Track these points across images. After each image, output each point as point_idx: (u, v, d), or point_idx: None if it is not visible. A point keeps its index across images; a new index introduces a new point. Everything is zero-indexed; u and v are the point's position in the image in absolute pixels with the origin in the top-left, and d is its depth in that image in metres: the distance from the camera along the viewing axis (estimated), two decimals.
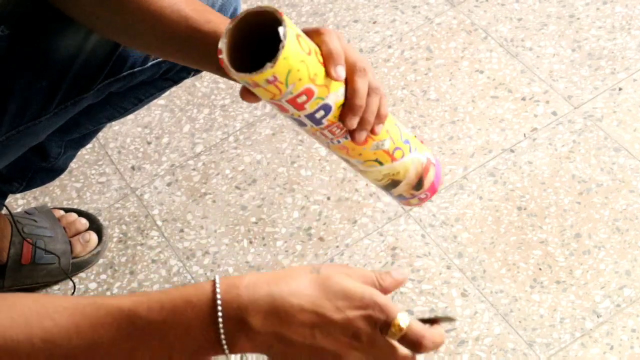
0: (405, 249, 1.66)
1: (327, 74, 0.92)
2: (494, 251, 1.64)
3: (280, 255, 1.67)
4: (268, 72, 0.86)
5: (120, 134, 1.89)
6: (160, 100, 1.93)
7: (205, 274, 1.65)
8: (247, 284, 0.76)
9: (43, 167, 1.53)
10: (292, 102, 0.92)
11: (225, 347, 0.76)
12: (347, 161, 1.07)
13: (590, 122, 1.81)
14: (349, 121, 0.94)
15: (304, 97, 0.90)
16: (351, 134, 0.98)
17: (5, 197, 1.58)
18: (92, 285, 1.66)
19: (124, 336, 0.76)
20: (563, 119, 1.82)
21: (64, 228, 1.64)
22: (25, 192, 1.77)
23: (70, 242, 1.64)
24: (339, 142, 1.00)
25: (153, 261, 1.68)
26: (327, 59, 0.92)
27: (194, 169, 1.81)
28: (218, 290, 0.76)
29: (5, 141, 1.23)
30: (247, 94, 0.95)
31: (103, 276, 1.67)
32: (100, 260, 1.69)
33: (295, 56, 0.88)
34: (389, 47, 2.00)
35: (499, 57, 1.95)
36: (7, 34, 1.16)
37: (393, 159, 1.03)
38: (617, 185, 1.71)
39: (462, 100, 1.88)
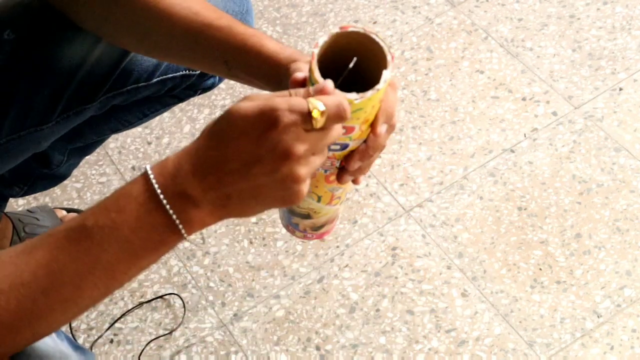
0: (406, 249, 1.66)
1: (373, 125, 0.89)
2: (494, 251, 1.64)
3: (281, 255, 1.67)
4: (354, 105, 0.83)
5: (121, 134, 1.89)
6: None
7: (206, 274, 1.65)
8: (173, 163, 0.78)
9: (45, 174, 1.53)
10: None
11: (180, 226, 0.78)
12: None
13: (590, 122, 1.81)
14: (353, 164, 0.92)
15: (342, 131, 0.86)
16: (341, 173, 0.95)
17: (6, 200, 1.58)
18: None
19: (81, 251, 0.77)
20: (563, 119, 1.82)
21: None
22: None
23: None
24: (317, 170, 0.99)
25: None
26: (382, 114, 0.89)
27: None
28: (151, 175, 0.78)
29: (6, 144, 1.22)
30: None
31: None
32: None
33: (374, 101, 0.85)
34: (390, 47, 2.00)
35: (500, 57, 1.95)
36: (12, 38, 1.16)
37: (329, 203, 1.01)
38: (618, 186, 1.71)
39: (462, 100, 1.88)
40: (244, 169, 0.77)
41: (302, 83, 0.87)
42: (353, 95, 0.82)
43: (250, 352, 1.55)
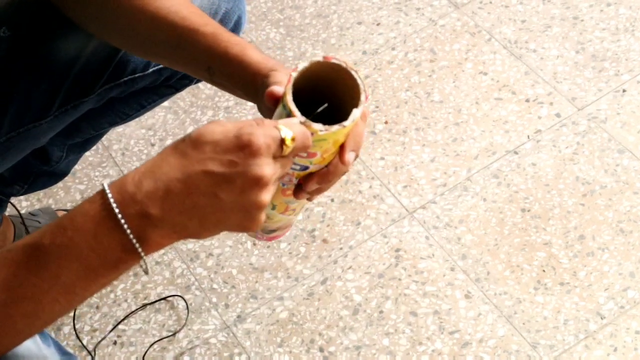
0: (409, 251, 1.66)
1: (341, 153, 0.90)
2: (497, 253, 1.64)
3: (284, 257, 1.67)
4: (318, 135, 0.84)
5: (124, 135, 1.89)
6: (164, 102, 1.93)
7: (209, 275, 1.65)
8: (133, 181, 0.76)
9: (45, 171, 1.53)
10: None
11: (137, 245, 0.76)
12: None
13: (594, 123, 1.81)
14: (311, 185, 0.91)
15: (304, 154, 0.87)
16: (298, 190, 0.95)
17: (8, 199, 1.58)
18: None
19: (40, 267, 0.77)
20: (567, 121, 1.82)
21: None
22: (29, 194, 1.77)
23: None
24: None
25: (157, 263, 1.68)
26: (350, 143, 0.89)
27: None
28: (109, 194, 0.76)
29: (6, 142, 1.23)
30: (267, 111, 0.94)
31: None
32: None
33: (339, 135, 0.86)
34: (393, 49, 2.00)
35: (503, 58, 1.95)
36: (8, 35, 1.17)
37: (283, 213, 1.00)
38: (621, 187, 1.71)
39: (465, 102, 1.88)
40: (210, 191, 0.76)
41: (276, 100, 0.87)
42: (319, 126, 0.83)
43: (254, 354, 1.55)
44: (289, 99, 0.83)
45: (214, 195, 0.76)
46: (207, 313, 1.61)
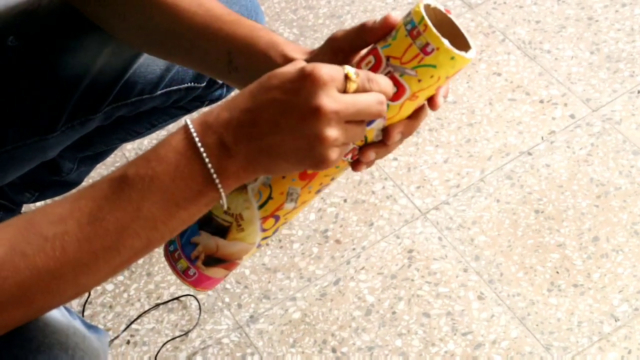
0: (422, 252, 1.65)
1: (433, 96, 0.88)
2: (511, 254, 1.63)
3: (297, 257, 1.67)
4: (463, 58, 0.83)
5: None
6: None
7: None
8: (212, 114, 0.81)
9: (55, 181, 1.53)
10: (400, 80, 0.85)
11: (215, 175, 0.79)
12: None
13: (608, 125, 1.80)
14: (394, 136, 0.89)
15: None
16: (357, 163, 0.91)
17: (20, 206, 1.58)
18: (109, 287, 1.66)
19: (123, 199, 0.79)
20: (581, 122, 1.81)
21: None
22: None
23: None
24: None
25: None
26: (445, 88, 0.89)
27: None
28: (190, 125, 0.81)
29: (12, 151, 1.22)
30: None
31: (120, 277, 1.67)
32: None
33: (450, 67, 0.85)
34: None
35: (517, 59, 1.94)
36: (16, 45, 1.16)
37: (265, 218, 0.94)
38: (636, 189, 1.70)
39: (479, 102, 1.88)
40: (274, 119, 0.78)
41: (390, 27, 0.88)
42: (447, 43, 0.81)
43: (267, 354, 1.55)
44: (429, 24, 0.82)
45: (277, 123, 0.78)
46: (219, 313, 1.61)
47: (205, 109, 1.42)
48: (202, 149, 0.79)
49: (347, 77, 0.80)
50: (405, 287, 1.61)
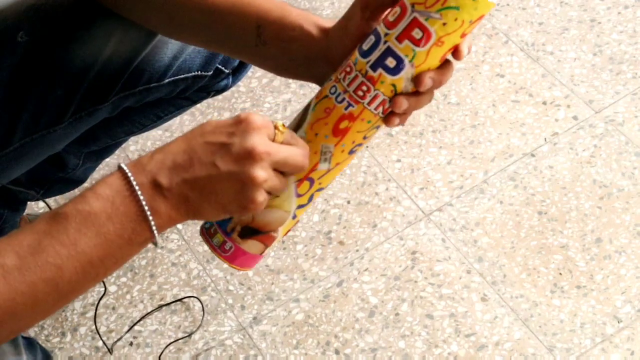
0: (426, 253, 1.65)
1: (458, 46, 0.86)
2: (514, 256, 1.63)
3: (300, 259, 1.67)
4: (493, 4, 0.83)
5: (141, 137, 1.90)
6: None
7: (225, 277, 1.66)
8: (146, 157, 0.85)
9: (61, 178, 1.53)
10: (424, 25, 0.84)
11: (150, 215, 0.82)
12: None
13: (611, 126, 1.80)
14: (426, 82, 0.87)
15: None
16: (389, 116, 0.89)
17: (25, 204, 1.58)
18: (112, 288, 1.66)
19: (61, 232, 0.82)
20: (584, 124, 1.81)
21: None
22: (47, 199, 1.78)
23: None
24: (368, 106, 0.89)
25: (173, 264, 1.69)
26: (465, 40, 0.87)
27: None
28: (125, 167, 0.83)
29: (20, 148, 1.23)
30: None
31: (123, 279, 1.68)
32: None
33: (474, 12, 0.83)
34: None
35: (520, 61, 1.95)
36: (25, 40, 1.17)
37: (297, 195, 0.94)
38: (639, 190, 1.70)
39: (482, 104, 1.88)
40: (209, 160, 0.82)
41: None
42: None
43: (270, 356, 1.55)
44: None
45: (213, 165, 0.82)
46: (223, 314, 1.61)
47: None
48: (136, 187, 0.82)
49: (276, 128, 0.85)
50: (408, 289, 1.61)
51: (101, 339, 1.60)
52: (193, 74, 1.30)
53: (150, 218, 0.82)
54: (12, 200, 1.56)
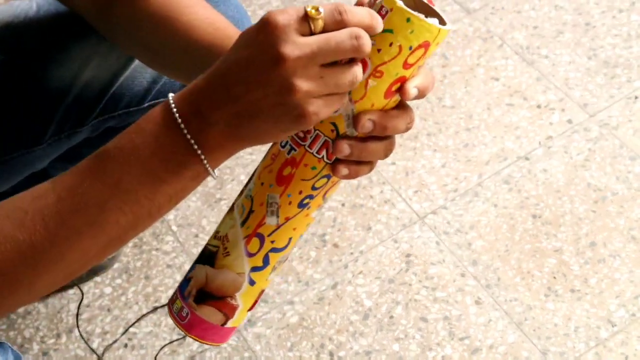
0: (420, 256, 1.66)
1: (403, 83, 0.77)
2: (508, 259, 1.64)
3: (295, 261, 1.67)
4: (421, 21, 0.74)
5: None
6: None
7: None
8: (192, 85, 0.77)
9: None
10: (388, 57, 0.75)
11: (195, 146, 0.76)
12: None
13: (605, 130, 1.81)
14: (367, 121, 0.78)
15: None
16: (336, 164, 0.81)
17: None
18: (107, 290, 1.66)
19: (103, 172, 0.77)
20: (578, 127, 1.82)
21: None
22: None
23: None
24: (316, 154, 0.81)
25: (168, 266, 1.69)
26: (414, 78, 0.79)
27: None
28: (170, 98, 0.77)
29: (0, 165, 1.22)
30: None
31: (118, 280, 1.68)
32: (116, 265, 1.69)
33: (423, 35, 0.75)
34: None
35: (515, 64, 1.95)
36: (2, 59, 1.16)
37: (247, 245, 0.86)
38: (633, 194, 1.70)
39: (477, 107, 1.88)
40: (243, 77, 0.74)
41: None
42: (421, 15, 0.74)
43: (264, 358, 1.56)
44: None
45: (247, 81, 0.73)
46: None
47: None
48: (179, 119, 0.76)
49: (308, 16, 0.72)
50: (402, 292, 1.61)
51: (86, 343, 1.60)
52: None
53: (199, 151, 0.75)
54: None
